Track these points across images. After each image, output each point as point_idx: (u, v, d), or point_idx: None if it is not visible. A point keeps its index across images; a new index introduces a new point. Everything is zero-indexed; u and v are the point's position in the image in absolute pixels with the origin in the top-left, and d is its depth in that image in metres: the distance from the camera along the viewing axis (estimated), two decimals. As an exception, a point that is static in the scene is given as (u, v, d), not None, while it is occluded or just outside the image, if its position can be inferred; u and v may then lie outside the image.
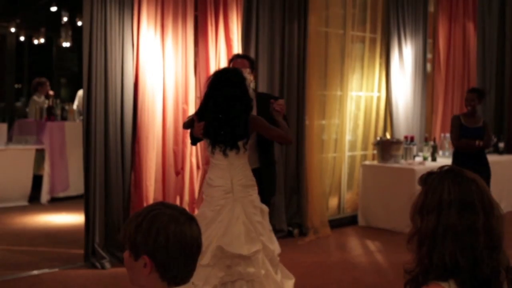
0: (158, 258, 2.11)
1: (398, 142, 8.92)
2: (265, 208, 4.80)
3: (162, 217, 2.13)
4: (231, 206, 4.63)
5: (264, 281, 4.64)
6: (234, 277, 4.57)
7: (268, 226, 4.82)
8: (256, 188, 4.77)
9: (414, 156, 9.20)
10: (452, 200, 2.11)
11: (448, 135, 10.13)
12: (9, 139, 9.91)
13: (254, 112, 4.85)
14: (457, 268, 2.07)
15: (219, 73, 4.79)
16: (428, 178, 2.22)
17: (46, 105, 10.52)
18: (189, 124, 5.02)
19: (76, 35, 14.20)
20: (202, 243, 2.20)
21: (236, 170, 4.67)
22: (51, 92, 11.40)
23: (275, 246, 4.80)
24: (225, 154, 4.62)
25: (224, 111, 4.57)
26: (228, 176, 4.65)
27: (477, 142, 7.67)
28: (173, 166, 6.88)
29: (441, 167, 2.25)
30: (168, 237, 2.10)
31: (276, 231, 7.42)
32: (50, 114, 10.48)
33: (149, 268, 2.11)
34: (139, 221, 2.14)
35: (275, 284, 4.73)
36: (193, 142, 5.21)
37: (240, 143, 4.62)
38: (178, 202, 6.83)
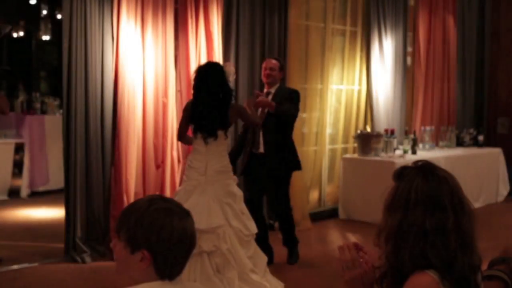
0: (159, 253, 2.09)
1: (378, 135, 8.96)
2: (239, 193, 5.44)
3: (163, 212, 2.12)
4: (202, 188, 5.25)
5: (227, 255, 5.16)
6: (197, 250, 4.68)
7: (241, 209, 5.41)
8: (231, 174, 5.46)
9: (394, 149, 9.24)
10: (418, 200, 2.11)
11: (428, 128, 10.20)
12: (-12, 133, 9.85)
13: None
14: (431, 265, 2.08)
15: (201, 67, 5.48)
16: (401, 173, 2.22)
17: None
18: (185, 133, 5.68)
19: (56, 28, 14.10)
20: (194, 244, 2.19)
21: (212, 156, 5.32)
22: None
23: (245, 226, 5.37)
24: (205, 142, 5.30)
25: (205, 104, 5.29)
26: (204, 160, 5.31)
27: None
28: (154, 160, 6.86)
29: (416, 162, 2.25)
30: (173, 232, 2.09)
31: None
32: (29, 107, 10.42)
33: (147, 262, 2.10)
34: (139, 215, 2.12)
35: (240, 260, 5.24)
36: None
37: (220, 132, 5.34)
38: (159, 196, 6.81)
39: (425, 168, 2.19)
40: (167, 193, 6.94)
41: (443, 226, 2.08)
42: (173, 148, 6.97)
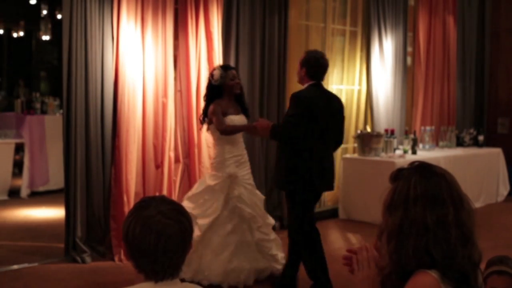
0: (126, 245, 2.20)
1: (378, 135, 8.95)
2: None
3: (143, 211, 2.17)
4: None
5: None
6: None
7: None
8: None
9: (395, 149, 9.24)
10: (418, 196, 2.12)
11: (428, 128, 10.20)
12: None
13: None
14: (434, 261, 2.08)
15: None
16: (398, 175, 2.23)
17: None
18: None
19: (56, 28, 14.11)
20: (172, 247, 2.17)
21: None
22: None
23: None
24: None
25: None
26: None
27: None
28: (153, 160, 6.86)
29: (411, 163, 2.26)
30: (135, 231, 2.16)
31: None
32: (29, 107, 10.42)
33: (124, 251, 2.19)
34: (132, 208, 2.26)
35: None
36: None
37: None
38: (158, 196, 6.79)
39: (422, 167, 2.21)
40: (165, 192, 6.94)
41: (444, 220, 2.09)
42: (171, 148, 6.96)
